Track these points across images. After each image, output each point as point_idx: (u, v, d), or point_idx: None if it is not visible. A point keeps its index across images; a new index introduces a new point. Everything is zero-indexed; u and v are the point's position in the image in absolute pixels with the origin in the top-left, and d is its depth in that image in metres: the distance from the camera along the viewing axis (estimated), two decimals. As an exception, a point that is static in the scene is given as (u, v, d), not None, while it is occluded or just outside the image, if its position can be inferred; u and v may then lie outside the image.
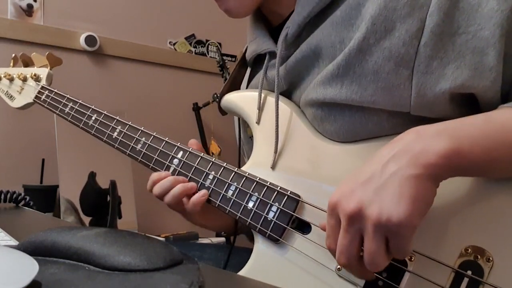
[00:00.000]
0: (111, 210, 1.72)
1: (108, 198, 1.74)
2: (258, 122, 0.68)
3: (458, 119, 0.50)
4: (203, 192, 0.67)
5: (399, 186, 0.45)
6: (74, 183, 1.69)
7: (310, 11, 0.63)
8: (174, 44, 2.18)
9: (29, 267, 0.34)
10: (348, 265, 0.49)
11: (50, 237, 0.42)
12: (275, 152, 0.64)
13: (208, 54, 2.31)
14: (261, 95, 0.68)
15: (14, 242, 0.53)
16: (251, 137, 0.77)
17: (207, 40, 2.30)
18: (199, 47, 2.27)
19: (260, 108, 0.68)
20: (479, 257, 0.50)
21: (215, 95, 2.04)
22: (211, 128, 2.22)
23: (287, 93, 0.69)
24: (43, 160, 1.77)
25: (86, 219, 1.70)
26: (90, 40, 1.88)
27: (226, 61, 2.05)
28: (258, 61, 0.74)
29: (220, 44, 2.34)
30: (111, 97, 1.93)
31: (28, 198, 0.89)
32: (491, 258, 0.49)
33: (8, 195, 0.86)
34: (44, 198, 1.68)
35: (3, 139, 1.73)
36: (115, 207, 1.74)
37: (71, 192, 1.67)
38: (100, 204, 1.73)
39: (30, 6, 1.80)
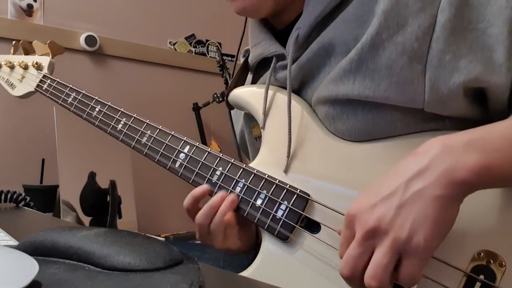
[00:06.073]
0: (111, 210, 1.72)
1: (108, 198, 1.74)
2: (263, 127, 0.67)
3: (482, 127, 0.48)
4: (231, 197, 0.64)
5: (423, 207, 0.44)
6: (74, 183, 1.69)
7: (322, 10, 0.62)
8: (174, 44, 2.18)
9: (29, 267, 0.34)
10: (351, 277, 0.47)
11: (50, 237, 0.42)
12: (288, 156, 0.63)
13: (208, 54, 2.31)
14: (266, 99, 0.67)
15: (14, 242, 0.53)
16: (256, 138, 0.76)
17: (207, 40, 2.29)
18: (199, 47, 2.27)
19: (266, 113, 0.67)
20: (491, 261, 0.49)
21: (215, 95, 2.04)
22: (211, 128, 2.22)
23: (297, 92, 0.68)
24: (43, 160, 1.77)
25: (86, 219, 1.70)
26: (90, 40, 1.88)
27: (226, 61, 2.05)
28: (261, 66, 0.73)
29: (220, 44, 2.34)
30: (111, 97, 1.92)
31: (28, 198, 0.89)
32: (504, 263, 0.49)
33: (8, 195, 0.86)
34: (44, 198, 1.68)
35: (3, 139, 1.73)
36: (115, 207, 1.74)
37: (71, 192, 1.67)
38: (100, 204, 1.73)
39: (30, 6, 1.80)
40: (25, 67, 0.98)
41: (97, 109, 0.81)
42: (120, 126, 0.77)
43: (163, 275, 0.38)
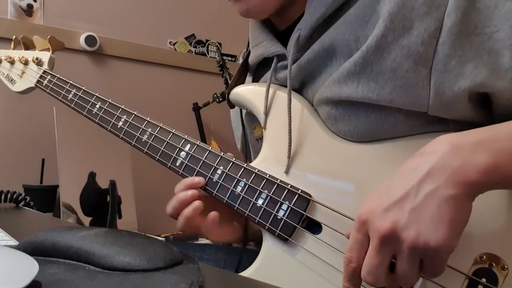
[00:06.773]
0: (111, 210, 1.72)
1: (108, 198, 1.74)
2: (264, 127, 0.67)
3: (490, 127, 0.48)
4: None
5: (437, 208, 0.44)
6: (74, 183, 1.69)
7: (324, 12, 0.62)
8: (174, 44, 2.18)
9: (29, 267, 0.34)
10: (374, 283, 0.48)
11: (50, 237, 0.42)
12: (288, 157, 0.62)
13: (208, 54, 2.30)
14: (267, 98, 0.67)
15: (14, 242, 0.53)
16: (257, 140, 0.76)
17: (207, 40, 2.29)
18: (199, 47, 2.27)
19: (267, 112, 0.66)
20: (494, 265, 0.49)
21: (215, 95, 2.04)
22: (211, 128, 2.22)
23: (298, 92, 0.68)
24: (43, 160, 1.77)
25: (86, 219, 1.70)
26: (90, 40, 1.88)
27: (226, 61, 2.05)
28: (262, 66, 0.73)
29: (220, 44, 2.34)
30: (111, 97, 1.92)
31: (28, 198, 0.89)
32: (506, 266, 0.49)
33: (8, 195, 0.86)
34: (44, 198, 1.68)
35: (3, 139, 1.73)
36: (115, 207, 1.74)
37: (71, 192, 1.67)
38: (100, 204, 1.73)
39: (30, 6, 1.79)
40: (25, 63, 0.97)
41: (97, 106, 0.81)
42: (120, 123, 0.76)
43: (163, 275, 0.38)
